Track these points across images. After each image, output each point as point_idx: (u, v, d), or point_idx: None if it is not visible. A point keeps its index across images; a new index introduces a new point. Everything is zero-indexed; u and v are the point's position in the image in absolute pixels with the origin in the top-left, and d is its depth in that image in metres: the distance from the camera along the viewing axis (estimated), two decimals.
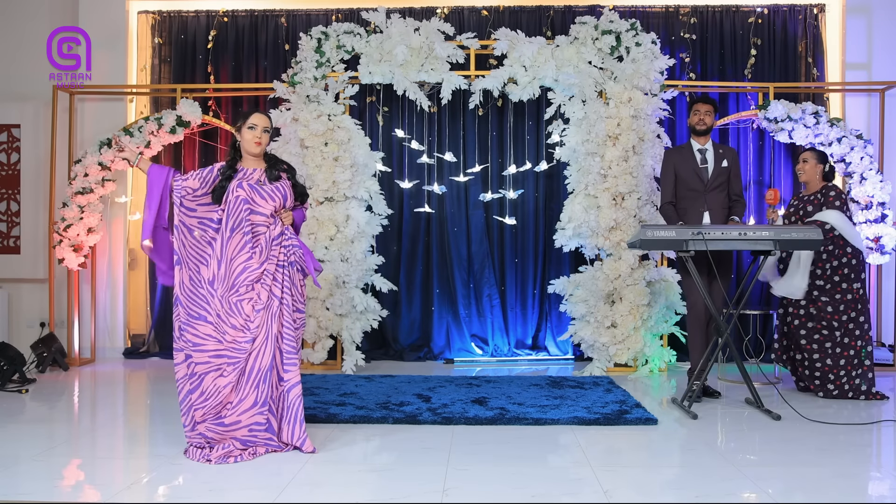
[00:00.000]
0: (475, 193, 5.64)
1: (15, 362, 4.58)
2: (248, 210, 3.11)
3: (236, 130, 3.23)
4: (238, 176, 3.16)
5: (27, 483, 2.70)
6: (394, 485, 2.68)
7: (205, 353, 3.01)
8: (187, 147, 5.72)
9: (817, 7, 5.63)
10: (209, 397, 2.99)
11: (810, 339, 4.17)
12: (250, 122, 3.19)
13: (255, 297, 3.06)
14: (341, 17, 5.69)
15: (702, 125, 4.27)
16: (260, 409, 3.00)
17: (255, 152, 3.20)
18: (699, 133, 4.29)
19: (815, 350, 4.15)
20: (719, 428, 3.56)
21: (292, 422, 3.05)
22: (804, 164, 4.31)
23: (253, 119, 3.20)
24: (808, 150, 4.43)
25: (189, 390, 3.01)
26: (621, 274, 4.91)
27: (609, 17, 5.14)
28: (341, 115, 5.12)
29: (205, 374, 3.00)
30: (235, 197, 3.11)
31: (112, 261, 5.68)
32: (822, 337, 4.15)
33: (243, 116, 3.23)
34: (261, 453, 3.02)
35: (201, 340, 3.02)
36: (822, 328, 4.15)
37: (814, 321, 4.17)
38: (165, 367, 5.25)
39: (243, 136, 3.20)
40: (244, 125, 3.20)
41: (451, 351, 5.63)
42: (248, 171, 3.18)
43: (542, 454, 3.08)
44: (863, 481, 2.81)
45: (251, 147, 3.19)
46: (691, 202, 4.25)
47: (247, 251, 3.08)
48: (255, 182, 3.17)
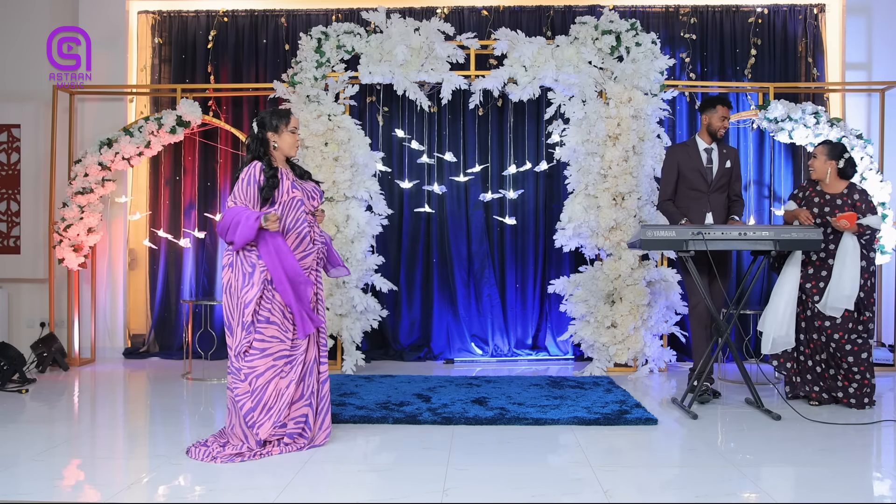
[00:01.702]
0: (475, 193, 5.64)
1: (15, 362, 4.58)
2: (304, 210, 3.17)
3: (272, 131, 3.17)
4: (283, 175, 3.15)
5: (27, 483, 2.70)
6: (394, 485, 2.68)
7: (269, 357, 3.04)
8: (187, 147, 5.71)
9: (817, 7, 5.63)
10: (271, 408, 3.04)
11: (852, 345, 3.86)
12: (293, 125, 3.21)
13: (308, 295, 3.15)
14: (341, 17, 5.69)
15: (723, 132, 4.17)
16: (307, 400, 3.12)
17: (293, 155, 3.25)
18: (715, 137, 4.21)
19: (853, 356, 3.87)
20: (719, 428, 3.56)
21: (324, 413, 3.20)
22: (814, 159, 4.01)
23: (294, 122, 3.22)
24: (822, 143, 4.04)
25: (251, 408, 3.03)
26: (621, 274, 4.91)
27: (609, 17, 5.14)
28: (341, 115, 5.12)
29: (266, 384, 3.03)
30: (291, 198, 3.13)
31: (112, 261, 5.68)
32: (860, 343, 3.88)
33: (282, 117, 3.19)
34: (274, 453, 3.03)
35: (267, 344, 3.05)
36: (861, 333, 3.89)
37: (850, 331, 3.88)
38: (165, 367, 5.25)
39: (283, 139, 3.18)
40: (286, 128, 3.18)
41: (451, 351, 5.63)
42: (281, 170, 3.17)
43: (542, 454, 3.08)
44: (863, 481, 2.81)
45: (291, 150, 3.22)
46: (694, 202, 4.20)
47: (301, 249, 3.15)
48: (292, 180, 3.19)
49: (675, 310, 5.06)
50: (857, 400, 3.88)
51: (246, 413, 3.02)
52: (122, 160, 5.28)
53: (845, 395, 3.92)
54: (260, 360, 3.03)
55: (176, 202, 5.75)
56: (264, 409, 3.03)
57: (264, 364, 3.04)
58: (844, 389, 3.92)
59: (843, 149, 3.98)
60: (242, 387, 3.03)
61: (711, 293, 4.05)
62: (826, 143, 4.05)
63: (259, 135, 3.18)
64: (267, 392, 3.03)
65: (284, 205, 3.12)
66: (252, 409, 3.02)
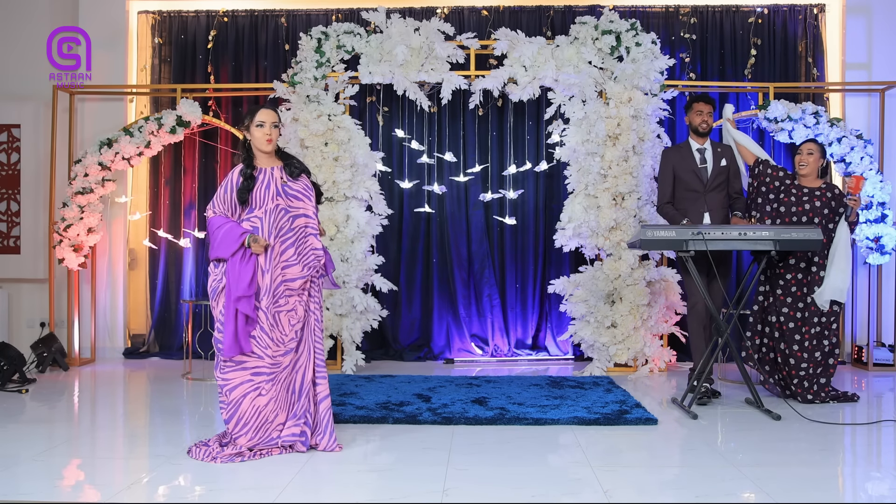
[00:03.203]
0: (475, 193, 5.64)
1: (15, 362, 4.58)
2: (289, 218, 3.07)
3: (244, 130, 3.13)
4: (260, 178, 3.06)
5: (27, 483, 2.70)
6: (394, 485, 2.68)
7: (245, 371, 2.99)
8: (187, 147, 5.72)
9: (817, 7, 5.63)
10: (248, 422, 2.98)
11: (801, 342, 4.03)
12: (258, 120, 3.08)
13: (292, 311, 3.05)
14: (341, 17, 5.69)
15: (705, 126, 4.24)
16: (297, 420, 3.04)
17: (267, 150, 3.11)
18: (701, 134, 4.27)
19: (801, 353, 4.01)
20: (719, 428, 3.56)
21: (324, 433, 3.09)
22: (809, 156, 4.09)
23: (260, 116, 3.09)
24: (811, 141, 4.20)
25: (226, 419, 3.01)
26: (621, 274, 4.91)
27: (609, 17, 5.14)
28: (341, 115, 5.12)
29: (241, 398, 2.98)
30: (275, 206, 3.04)
31: (112, 261, 5.68)
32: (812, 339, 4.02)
33: (249, 114, 3.13)
34: (274, 453, 3.02)
35: (243, 358, 3.00)
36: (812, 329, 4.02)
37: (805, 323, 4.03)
38: (165, 367, 5.25)
39: (253, 135, 3.10)
40: (252, 123, 3.09)
41: (451, 351, 5.63)
42: (266, 170, 3.09)
43: (542, 454, 3.08)
44: (863, 481, 2.81)
45: (263, 145, 3.09)
46: (691, 203, 4.23)
47: (288, 257, 3.06)
48: (280, 184, 3.08)
49: (675, 310, 5.06)
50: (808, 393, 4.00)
51: (226, 421, 3.01)
52: (122, 160, 5.28)
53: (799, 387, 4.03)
54: (234, 374, 2.99)
55: (176, 202, 5.75)
56: (240, 423, 2.98)
57: (238, 378, 2.99)
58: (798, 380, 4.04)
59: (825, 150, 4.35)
60: (222, 395, 3.03)
61: (711, 293, 4.05)
62: (816, 143, 4.21)
63: (242, 137, 3.16)
64: (242, 406, 2.98)
65: (268, 213, 3.04)
66: (227, 420, 3.01)
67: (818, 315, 4.03)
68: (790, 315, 4.07)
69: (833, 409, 3.90)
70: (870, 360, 5.17)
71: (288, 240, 3.07)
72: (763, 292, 4.23)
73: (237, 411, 2.99)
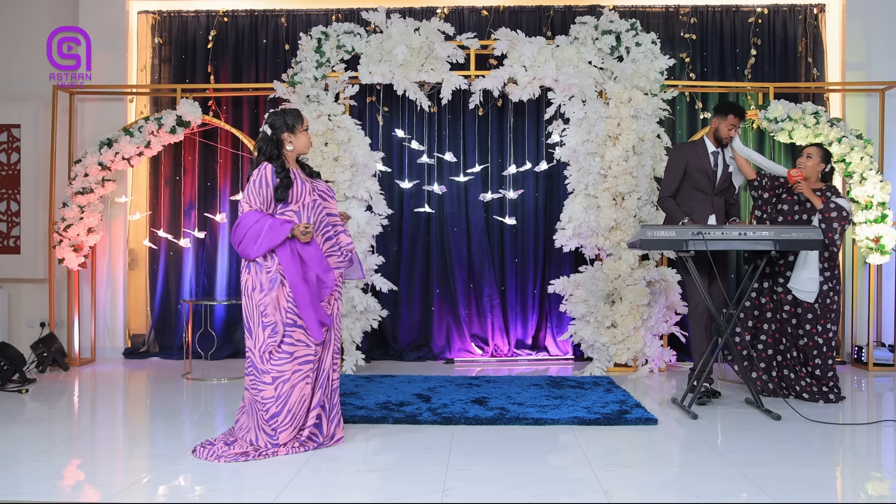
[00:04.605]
0: (475, 193, 5.64)
1: (15, 362, 4.58)
2: (324, 213, 3.18)
3: (288, 132, 3.13)
4: (296, 177, 3.12)
5: (27, 483, 2.70)
6: (394, 485, 2.68)
7: (295, 362, 3.03)
8: (187, 147, 5.72)
9: (817, 7, 5.63)
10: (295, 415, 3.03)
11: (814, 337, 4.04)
12: (307, 125, 3.22)
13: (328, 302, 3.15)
14: (341, 17, 5.69)
15: (728, 139, 4.19)
16: (315, 408, 3.11)
17: (306, 153, 3.24)
18: (720, 143, 4.22)
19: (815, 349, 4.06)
20: (719, 428, 3.56)
21: (335, 419, 3.19)
22: (808, 159, 4.14)
23: (307, 122, 3.23)
24: (814, 145, 4.23)
25: (275, 413, 3.01)
26: (621, 274, 4.91)
27: (609, 17, 5.14)
28: (341, 115, 5.12)
29: (291, 390, 3.01)
30: (313, 200, 3.13)
31: (112, 261, 5.68)
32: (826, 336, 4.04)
33: (298, 118, 3.17)
34: (280, 454, 3.02)
35: (294, 347, 3.04)
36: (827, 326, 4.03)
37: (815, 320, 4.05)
38: (165, 367, 5.25)
39: (299, 139, 3.16)
40: (301, 127, 3.17)
41: (451, 351, 5.63)
42: (294, 171, 3.16)
43: (542, 454, 3.08)
44: (863, 481, 2.81)
45: (307, 149, 3.20)
46: (698, 203, 4.20)
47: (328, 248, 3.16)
48: (309, 183, 3.17)
49: (675, 310, 5.06)
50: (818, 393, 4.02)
51: (270, 417, 3.00)
52: (122, 160, 5.28)
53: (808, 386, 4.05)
54: (288, 365, 3.02)
55: (176, 202, 5.75)
56: (289, 415, 3.02)
57: (291, 368, 3.02)
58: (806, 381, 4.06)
59: (830, 155, 4.23)
60: (268, 390, 3.01)
61: (711, 293, 4.05)
62: (819, 147, 4.22)
63: (273, 136, 3.14)
64: (292, 398, 3.02)
65: (307, 207, 3.11)
66: (276, 413, 3.01)
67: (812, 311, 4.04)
68: (792, 312, 4.11)
69: (833, 409, 3.90)
70: (870, 360, 5.17)
71: (326, 232, 3.18)
72: (757, 289, 4.26)
73: (287, 403, 3.02)
